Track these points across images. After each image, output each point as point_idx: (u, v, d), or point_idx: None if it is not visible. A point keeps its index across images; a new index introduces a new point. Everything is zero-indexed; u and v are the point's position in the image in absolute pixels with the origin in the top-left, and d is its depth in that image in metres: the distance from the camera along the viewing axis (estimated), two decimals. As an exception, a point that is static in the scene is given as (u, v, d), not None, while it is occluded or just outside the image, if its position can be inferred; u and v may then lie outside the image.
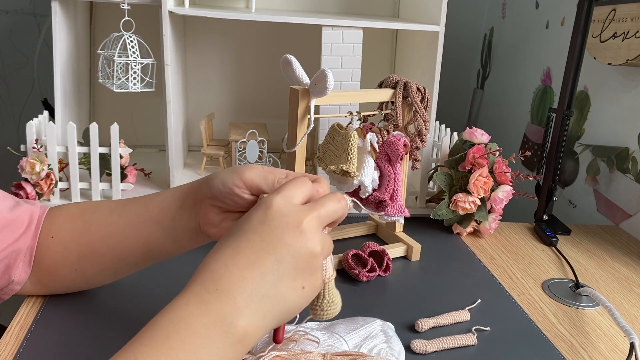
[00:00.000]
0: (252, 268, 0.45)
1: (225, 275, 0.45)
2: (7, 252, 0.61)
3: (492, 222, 0.96)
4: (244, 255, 0.46)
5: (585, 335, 0.72)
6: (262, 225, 0.47)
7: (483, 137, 0.97)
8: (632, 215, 1.05)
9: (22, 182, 0.92)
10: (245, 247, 0.46)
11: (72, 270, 0.64)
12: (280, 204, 0.48)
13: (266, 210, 0.47)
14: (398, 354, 0.61)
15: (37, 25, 1.55)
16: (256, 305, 0.45)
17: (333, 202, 0.50)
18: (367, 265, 0.81)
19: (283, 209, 0.47)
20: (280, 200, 0.48)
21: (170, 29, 0.96)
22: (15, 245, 0.62)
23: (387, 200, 0.83)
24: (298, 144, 0.78)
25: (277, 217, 0.47)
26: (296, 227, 0.47)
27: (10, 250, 0.61)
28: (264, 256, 0.46)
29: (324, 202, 0.50)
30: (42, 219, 0.64)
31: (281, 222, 0.47)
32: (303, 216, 0.47)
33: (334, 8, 1.27)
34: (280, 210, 0.47)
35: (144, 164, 1.12)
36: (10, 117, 1.62)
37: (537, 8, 1.42)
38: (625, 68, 1.07)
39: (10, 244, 0.61)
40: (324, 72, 0.71)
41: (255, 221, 0.47)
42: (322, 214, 0.49)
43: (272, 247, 0.46)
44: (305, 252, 0.47)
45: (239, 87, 1.32)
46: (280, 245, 0.46)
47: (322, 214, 0.49)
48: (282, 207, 0.47)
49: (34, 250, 0.63)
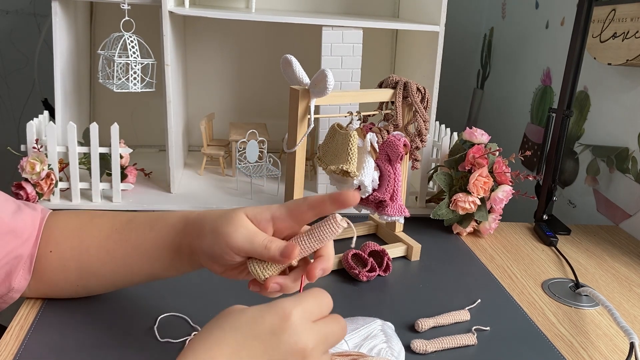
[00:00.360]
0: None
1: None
2: (9, 258, 0.61)
3: (492, 222, 0.96)
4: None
5: (585, 335, 0.72)
6: (271, 336, 0.43)
7: (483, 137, 0.97)
8: (632, 215, 1.05)
9: (22, 182, 0.92)
10: (245, 354, 0.43)
11: (74, 286, 0.64)
12: (298, 318, 0.44)
13: (282, 320, 0.44)
14: (398, 353, 0.61)
15: (37, 25, 1.55)
16: None
17: (338, 328, 0.47)
18: (367, 265, 0.81)
19: (298, 327, 0.44)
20: (298, 314, 0.44)
21: (170, 29, 0.96)
22: (17, 252, 0.61)
23: (387, 200, 0.83)
24: (298, 144, 0.78)
25: (289, 333, 0.44)
26: (303, 351, 0.44)
27: (13, 257, 0.61)
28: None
29: (332, 327, 0.47)
30: (42, 226, 0.64)
31: (291, 340, 0.43)
32: (313, 342, 0.44)
33: (334, 8, 1.27)
34: (296, 327, 0.44)
35: (144, 164, 1.13)
36: (10, 117, 1.62)
37: (537, 8, 1.42)
38: (625, 68, 1.07)
39: (12, 250, 0.61)
40: (324, 72, 0.71)
41: (265, 327, 0.44)
42: (328, 341, 0.46)
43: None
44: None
45: (239, 87, 1.32)
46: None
47: (328, 341, 0.46)
48: (298, 325, 0.44)
49: (34, 258, 0.62)
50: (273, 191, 1.09)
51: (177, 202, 1.01)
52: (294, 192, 0.80)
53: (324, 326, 0.46)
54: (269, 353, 0.43)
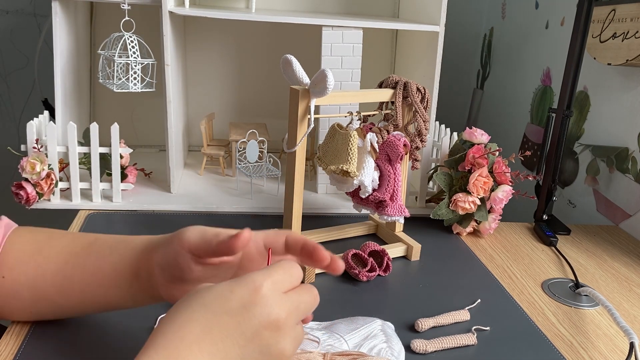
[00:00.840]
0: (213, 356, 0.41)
1: (184, 355, 0.41)
2: None
3: (491, 222, 0.96)
4: (211, 341, 0.42)
5: (585, 335, 0.72)
6: (243, 310, 0.42)
7: (483, 137, 0.97)
8: (632, 215, 1.05)
9: (22, 182, 0.92)
10: (217, 331, 0.42)
11: (27, 312, 0.61)
12: (268, 290, 0.43)
13: (252, 293, 0.43)
14: (398, 353, 0.61)
15: (38, 25, 1.55)
16: None
17: (310, 297, 0.46)
18: (367, 265, 0.81)
19: (270, 299, 0.43)
20: (268, 286, 0.43)
21: (170, 29, 0.96)
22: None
23: (387, 200, 0.83)
24: (298, 144, 0.78)
25: (261, 304, 0.43)
26: (276, 322, 0.43)
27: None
28: (231, 347, 0.42)
29: (303, 297, 0.46)
30: (3, 242, 0.59)
31: (264, 312, 0.43)
32: (285, 312, 0.43)
33: (334, 8, 1.27)
34: (267, 298, 0.43)
35: (144, 164, 1.13)
36: (10, 117, 1.62)
37: (537, 8, 1.42)
38: (625, 68, 1.07)
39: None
40: (324, 72, 0.71)
41: (236, 301, 0.43)
42: (300, 311, 0.45)
43: (242, 339, 0.42)
44: (276, 350, 0.43)
45: (239, 87, 1.32)
46: (252, 340, 0.42)
47: (300, 310, 0.45)
48: (269, 296, 0.43)
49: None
50: (273, 191, 1.09)
51: (177, 202, 1.01)
52: (294, 192, 0.81)
53: (295, 296, 0.45)
54: (242, 328, 0.42)
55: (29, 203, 0.93)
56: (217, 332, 0.42)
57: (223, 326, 0.42)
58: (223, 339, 0.42)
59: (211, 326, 0.42)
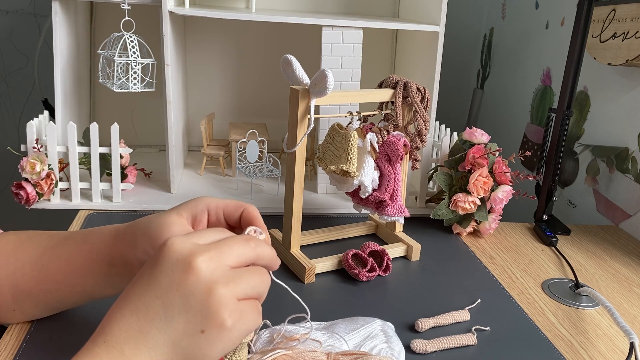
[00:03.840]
0: (137, 315, 0.41)
1: (112, 325, 0.41)
2: None
3: (492, 222, 0.96)
4: (130, 302, 0.42)
5: (585, 335, 0.72)
6: (152, 267, 0.42)
7: (483, 137, 0.97)
8: (632, 215, 1.05)
9: (22, 182, 0.92)
10: (133, 293, 0.42)
11: (10, 311, 0.60)
12: (176, 242, 0.43)
13: (160, 250, 0.43)
14: (398, 353, 0.61)
15: (38, 25, 1.55)
16: (146, 355, 0.41)
17: (239, 244, 0.45)
18: (367, 265, 0.81)
19: (177, 247, 0.43)
20: (177, 239, 0.43)
21: (170, 29, 0.96)
22: None
23: (387, 200, 0.83)
24: (298, 144, 0.78)
25: (168, 255, 0.42)
26: (187, 264, 0.42)
27: None
28: (151, 300, 0.41)
29: (227, 241, 0.44)
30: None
31: (171, 260, 0.42)
32: (197, 253, 0.42)
33: (334, 8, 1.27)
34: (173, 247, 0.42)
35: (144, 164, 1.13)
36: (10, 117, 1.62)
37: (537, 8, 1.42)
38: (625, 68, 1.07)
39: None
40: (324, 72, 0.71)
41: (147, 263, 0.43)
42: (223, 253, 0.43)
43: (159, 290, 0.41)
44: (199, 290, 0.41)
45: (239, 87, 1.32)
46: (168, 287, 0.41)
47: (223, 252, 0.43)
48: (176, 245, 0.43)
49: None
50: (273, 191, 1.09)
51: (177, 202, 1.01)
52: (294, 192, 0.80)
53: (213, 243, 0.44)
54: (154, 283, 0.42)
55: (29, 203, 0.93)
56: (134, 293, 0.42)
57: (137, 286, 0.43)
58: (141, 296, 0.42)
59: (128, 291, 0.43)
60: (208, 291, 0.41)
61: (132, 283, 0.44)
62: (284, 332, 0.60)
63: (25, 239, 0.61)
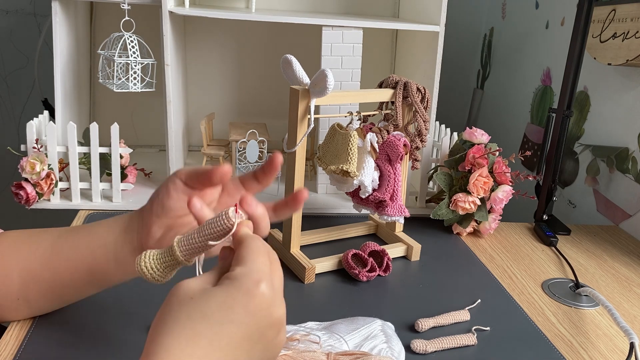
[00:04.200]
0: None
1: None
2: None
3: (492, 222, 0.96)
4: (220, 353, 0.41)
5: (585, 335, 0.72)
6: (247, 316, 0.42)
7: (483, 137, 0.97)
8: (632, 215, 1.05)
9: (22, 182, 0.92)
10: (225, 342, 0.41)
11: (14, 300, 0.61)
12: (267, 292, 0.43)
13: (253, 297, 0.42)
14: (398, 354, 0.61)
15: (38, 25, 1.55)
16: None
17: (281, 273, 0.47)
18: (367, 265, 0.81)
19: (269, 298, 0.43)
20: (266, 288, 0.43)
21: (170, 29, 0.96)
22: None
23: (387, 200, 0.83)
24: (298, 144, 0.78)
25: (264, 308, 0.43)
26: (279, 320, 0.44)
27: None
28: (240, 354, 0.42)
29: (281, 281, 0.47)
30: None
31: (267, 314, 0.43)
32: (283, 307, 0.45)
33: (334, 8, 1.27)
34: (266, 299, 0.43)
35: (144, 164, 1.13)
36: (10, 117, 1.62)
37: (537, 8, 1.42)
38: (625, 68, 1.07)
39: None
40: (324, 72, 0.71)
41: (239, 309, 0.42)
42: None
43: (250, 344, 0.43)
44: (278, 342, 0.45)
45: (239, 87, 1.32)
46: (259, 340, 0.43)
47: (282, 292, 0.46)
48: (268, 296, 0.43)
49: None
50: (273, 191, 1.09)
51: (177, 202, 1.01)
52: (294, 192, 0.80)
53: (279, 284, 0.46)
54: (248, 333, 0.42)
55: (28, 203, 0.93)
56: (226, 343, 0.41)
57: (231, 336, 0.42)
58: (232, 349, 0.42)
59: (219, 338, 0.41)
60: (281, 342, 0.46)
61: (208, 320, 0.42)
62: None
63: (37, 231, 0.63)
